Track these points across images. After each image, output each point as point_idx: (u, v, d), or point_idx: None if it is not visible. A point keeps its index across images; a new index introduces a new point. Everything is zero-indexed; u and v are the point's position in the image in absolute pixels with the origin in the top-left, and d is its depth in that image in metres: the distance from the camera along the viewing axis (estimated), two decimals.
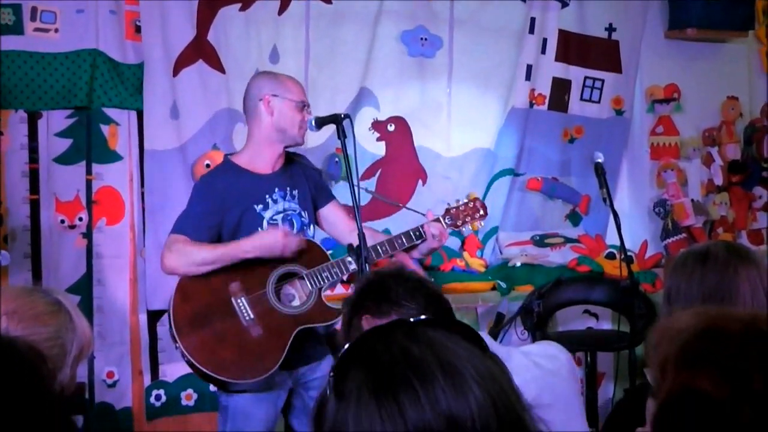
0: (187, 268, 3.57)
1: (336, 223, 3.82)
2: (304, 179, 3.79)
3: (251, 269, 3.58)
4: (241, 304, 3.56)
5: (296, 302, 3.64)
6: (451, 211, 3.82)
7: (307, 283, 3.62)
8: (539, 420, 1.27)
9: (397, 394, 1.18)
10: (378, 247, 3.67)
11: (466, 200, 3.96)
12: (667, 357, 1.39)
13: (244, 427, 3.60)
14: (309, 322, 3.60)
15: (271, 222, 3.65)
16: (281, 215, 3.68)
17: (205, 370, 3.53)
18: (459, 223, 3.84)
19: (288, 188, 3.71)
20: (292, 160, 3.81)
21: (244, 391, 3.58)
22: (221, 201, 3.60)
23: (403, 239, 3.71)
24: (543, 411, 1.34)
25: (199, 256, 3.54)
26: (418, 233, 3.71)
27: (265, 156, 3.69)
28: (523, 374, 2.10)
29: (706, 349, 1.35)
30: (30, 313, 1.93)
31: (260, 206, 3.64)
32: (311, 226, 3.77)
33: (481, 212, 3.94)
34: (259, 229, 3.62)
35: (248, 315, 3.56)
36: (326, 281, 3.63)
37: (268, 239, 3.53)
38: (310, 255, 3.65)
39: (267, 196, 3.66)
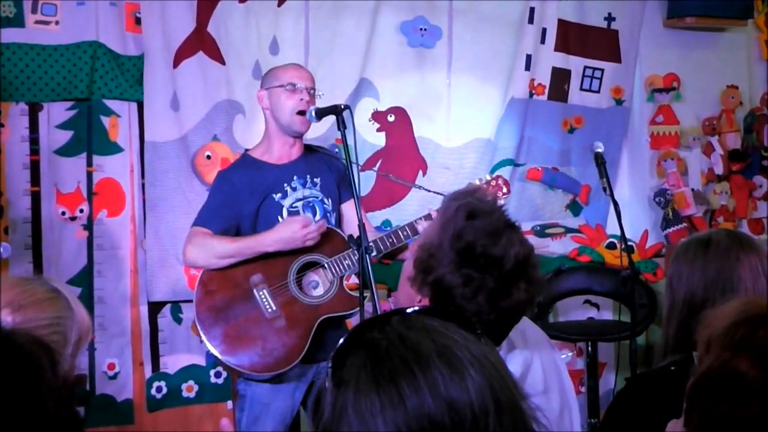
0: (207, 261, 3.59)
1: (351, 220, 3.82)
2: (326, 168, 3.81)
3: (272, 260, 3.61)
4: (263, 296, 3.58)
5: (320, 289, 3.65)
6: None
7: (329, 271, 3.62)
8: (536, 408, 1.28)
9: (396, 380, 1.18)
10: (385, 239, 3.67)
11: (488, 178, 3.94)
12: (712, 337, 1.47)
13: (262, 416, 3.62)
14: (331, 312, 3.62)
15: (291, 209, 3.66)
16: (301, 202, 3.69)
17: (230, 364, 3.55)
18: None
19: (308, 176, 3.72)
20: (312, 150, 3.83)
21: (266, 381, 3.60)
22: (237, 192, 3.63)
23: (408, 230, 3.72)
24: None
25: (219, 249, 3.56)
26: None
27: (277, 148, 3.72)
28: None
29: (749, 334, 1.42)
30: (29, 301, 1.92)
31: (279, 195, 3.66)
32: (334, 214, 3.78)
33: (504, 190, 3.91)
34: (279, 217, 3.64)
35: (270, 307, 3.57)
36: (347, 269, 3.64)
37: (286, 232, 3.54)
38: (331, 243, 3.66)
39: (285, 185, 3.68)
